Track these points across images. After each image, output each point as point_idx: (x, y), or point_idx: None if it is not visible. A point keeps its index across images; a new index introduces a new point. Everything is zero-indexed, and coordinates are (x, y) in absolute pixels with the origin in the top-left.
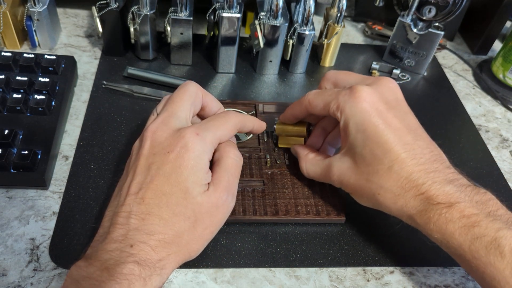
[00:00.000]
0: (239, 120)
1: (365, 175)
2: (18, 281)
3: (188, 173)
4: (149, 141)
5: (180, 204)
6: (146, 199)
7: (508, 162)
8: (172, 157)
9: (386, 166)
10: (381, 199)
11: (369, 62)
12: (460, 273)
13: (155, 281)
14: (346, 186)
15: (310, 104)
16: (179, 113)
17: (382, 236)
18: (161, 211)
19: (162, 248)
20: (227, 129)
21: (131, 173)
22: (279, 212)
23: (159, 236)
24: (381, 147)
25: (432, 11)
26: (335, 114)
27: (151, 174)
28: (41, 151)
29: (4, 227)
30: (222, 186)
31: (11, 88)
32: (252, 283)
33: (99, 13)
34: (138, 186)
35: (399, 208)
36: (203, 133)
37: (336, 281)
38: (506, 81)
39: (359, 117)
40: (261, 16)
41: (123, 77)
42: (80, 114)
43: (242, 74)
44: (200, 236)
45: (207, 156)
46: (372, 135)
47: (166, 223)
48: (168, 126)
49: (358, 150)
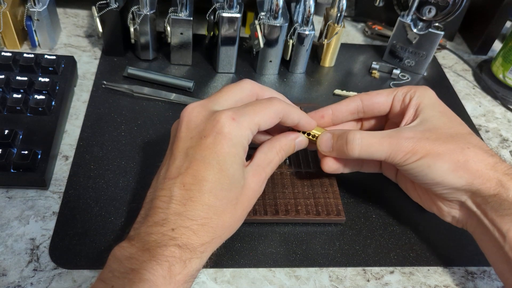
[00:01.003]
0: (283, 108)
1: (447, 134)
2: (18, 281)
3: (230, 161)
4: (185, 123)
5: (224, 189)
6: (186, 184)
7: (508, 162)
8: (210, 142)
9: (467, 131)
10: (471, 153)
11: (369, 62)
12: (460, 273)
13: (195, 264)
14: (422, 146)
15: (369, 94)
16: (221, 100)
17: (382, 236)
18: (203, 197)
19: (206, 233)
20: (267, 115)
21: (169, 156)
22: (279, 212)
23: (202, 221)
24: (457, 119)
25: (432, 11)
26: (405, 95)
27: (189, 159)
28: (41, 151)
29: (4, 227)
30: (261, 176)
31: (11, 88)
32: (252, 283)
33: (99, 13)
34: (177, 171)
35: (489, 166)
36: (240, 118)
37: (336, 281)
38: (506, 81)
39: (433, 96)
40: (261, 16)
41: (123, 77)
42: (80, 114)
43: (242, 74)
44: (240, 217)
45: (246, 142)
46: (448, 110)
47: (210, 208)
48: (205, 108)
49: (435, 118)
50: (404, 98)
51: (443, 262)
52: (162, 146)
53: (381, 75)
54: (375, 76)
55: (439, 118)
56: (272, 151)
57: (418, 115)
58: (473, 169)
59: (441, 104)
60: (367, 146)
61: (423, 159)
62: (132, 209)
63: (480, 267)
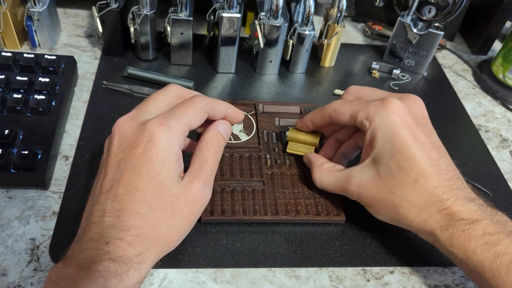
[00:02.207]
0: (207, 102)
1: (388, 187)
2: (18, 281)
3: (159, 166)
4: (116, 137)
5: (155, 197)
6: (118, 196)
7: (508, 162)
8: (140, 151)
9: (411, 179)
10: (403, 211)
11: (369, 62)
12: (460, 273)
13: (133, 277)
14: (365, 198)
15: (336, 112)
16: (149, 108)
17: (382, 236)
18: (135, 206)
19: (140, 243)
20: (194, 113)
21: (102, 171)
22: (279, 212)
23: (135, 231)
24: (408, 160)
25: (432, 11)
26: (363, 123)
27: (121, 170)
28: (41, 151)
29: (4, 227)
30: (200, 178)
31: (11, 88)
32: (252, 283)
33: (99, 13)
34: (110, 184)
35: (421, 222)
36: (168, 122)
37: (336, 281)
38: (506, 81)
39: (388, 128)
40: (261, 16)
41: (123, 77)
42: (80, 114)
43: (242, 74)
44: (179, 227)
45: (177, 145)
46: (400, 147)
47: (143, 217)
48: (135, 120)
49: (384, 161)
50: (362, 125)
51: (443, 262)
52: None
53: (381, 75)
54: (375, 76)
55: (387, 162)
56: (203, 150)
57: (371, 152)
58: (407, 224)
59: (394, 140)
60: (326, 185)
61: (368, 207)
62: None
63: None
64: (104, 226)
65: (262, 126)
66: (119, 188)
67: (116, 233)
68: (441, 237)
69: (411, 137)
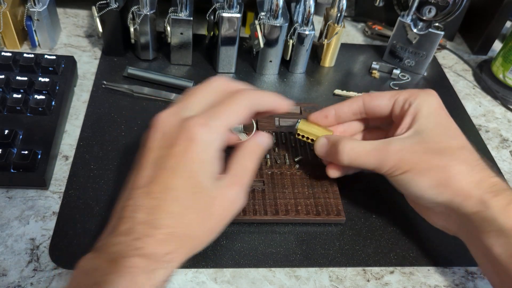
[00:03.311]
0: (252, 98)
1: (436, 149)
2: (18, 281)
3: (198, 167)
4: (155, 133)
5: (191, 198)
6: (153, 193)
7: (508, 162)
8: (178, 150)
9: (459, 145)
10: (453, 171)
11: (369, 62)
12: (460, 273)
13: (160, 275)
14: (407, 162)
15: (371, 96)
16: (191, 104)
17: (382, 236)
18: (169, 205)
19: (170, 242)
20: (237, 112)
21: (139, 166)
22: (279, 212)
23: (167, 230)
24: (453, 130)
25: (432, 11)
26: (406, 100)
27: (157, 167)
28: (41, 151)
29: (4, 227)
30: (239, 185)
31: (11, 88)
32: (252, 283)
33: (99, 13)
34: (145, 180)
35: (472, 184)
36: (211, 122)
37: (336, 281)
38: (506, 81)
39: (433, 104)
40: (261, 16)
41: (123, 77)
42: (80, 114)
43: (242, 74)
44: (210, 229)
45: (217, 146)
46: (445, 119)
47: (176, 217)
48: (176, 117)
49: (428, 130)
50: (404, 104)
51: (443, 262)
52: None
53: (381, 75)
54: (375, 76)
55: (432, 130)
56: (245, 157)
57: (413, 125)
58: (455, 186)
59: (440, 114)
60: (355, 157)
61: (406, 173)
62: None
63: None
64: (135, 222)
65: (262, 126)
66: (154, 185)
67: (147, 230)
68: (493, 203)
69: (450, 117)
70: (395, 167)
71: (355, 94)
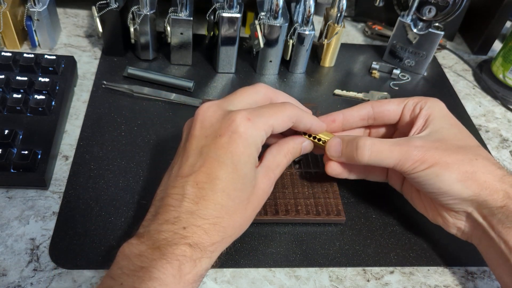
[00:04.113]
0: (296, 113)
1: (456, 146)
2: (18, 281)
3: (244, 160)
4: (199, 122)
5: (236, 189)
6: (199, 183)
7: (508, 162)
8: (225, 141)
9: (476, 143)
10: (479, 164)
11: (369, 62)
12: (460, 273)
13: (205, 263)
14: (432, 155)
15: (380, 102)
16: (236, 101)
17: (382, 236)
18: (216, 195)
19: (216, 232)
20: (281, 119)
21: (181, 154)
22: (279, 212)
23: (214, 220)
24: (466, 131)
25: (432, 11)
26: (417, 103)
27: (203, 157)
28: (41, 151)
29: (4, 227)
30: (271, 177)
31: (11, 88)
32: (252, 283)
33: (99, 13)
34: (191, 169)
35: (497, 177)
36: (255, 119)
37: (336, 281)
38: (506, 81)
39: (443, 108)
40: (261, 16)
41: (123, 77)
42: (80, 114)
43: (242, 74)
44: (249, 218)
45: (260, 143)
46: (457, 122)
47: (222, 208)
48: (220, 108)
49: (445, 130)
50: (414, 108)
51: (443, 262)
52: (162, 146)
53: (381, 75)
54: (375, 76)
55: (448, 129)
56: (281, 154)
57: (427, 126)
58: (481, 180)
59: (451, 117)
60: (377, 152)
61: (432, 168)
62: (135, 207)
63: (480, 267)
64: (182, 211)
65: None
66: (200, 174)
67: (195, 220)
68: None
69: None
70: (419, 161)
71: (355, 94)
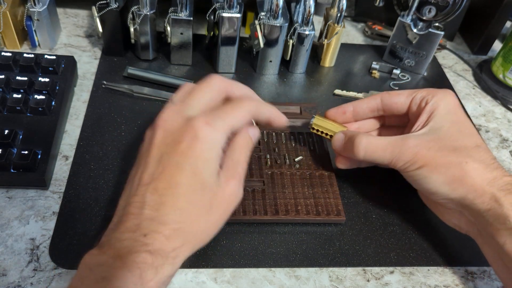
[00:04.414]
0: (253, 106)
1: (451, 146)
2: (18, 281)
3: (203, 164)
4: (160, 130)
5: (196, 194)
6: (159, 189)
7: (508, 162)
8: (184, 147)
9: (474, 144)
10: (468, 167)
11: (369, 62)
12: (460, 273)
13: (167, 270)
14: (423, 156)
15: (390, 94)
16: (193, 103)
17: (382, 236)
18: (176, 201)
19: (177, 237)
20: (239, 116)
21: (142, 163)
22: (279, 212)
23: (174, 225)
24: (469, 129)
25: (432, 11)
26: (424, 97)
27: (163, 164)
28: (41, 151)
29: (4, 227)
30: (235, 178)
31: (11, 88)
32: (252, 283)
33: (99, 13)
34: (150, 176)
35: (485, 181)
36: (214, 122)
37: (336, 281)
38: (506, 81)
39: (451, 102)
40: (261, 16)
41: (123, 77)
42: (80, 114)
43: (242, 74)
44: (214, 224)
45: (220, 146)
46: (462, 118)
47: (182, 213)
48: (180, 115)
49: (445, 128)
50: (421, 102)
51: (443, 262)
52: None
53: (381, 75)
54: (375, 76)
55: (448, 128)
56: (235, 152)
57: (428, 122)
58: (469, 183)
59: (456, 113)
60: (371, 151)
61: (421, 169)
62: None
63: (480, 267)
64: (142, 218)
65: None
66: (160, 181)
67: (155, 226)
68: (506, 201)
69: (466, 117)
70: (410, 162)
71: (355, 94)
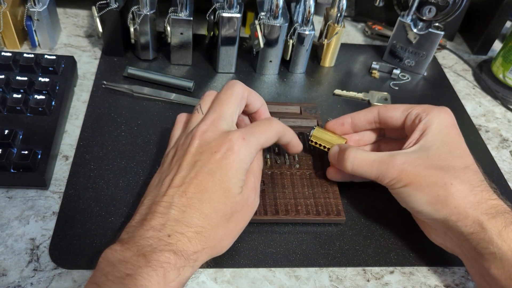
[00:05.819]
0: (282, 129)
1: (438, 166)
2: (18, 281)
3: (232, 174)
4: (198, 141)
5: (221, 201)
6: (188, 193)
7: (508, 162)
8: (218, 157)
9: (462, 165)
10: (453, 189)
11: (369, 62)
12: (460, 273)
13: (187, 272)
14: (408, 174)
15: (386, 107)
16: (227, 115)
17: (382, 236)
18: (202, 206)
19: (199, 241)
20: (269, 136)
21: (175, 167)
22: (279, 212)
23: (197, 229)
24: (460, 149)
25: (432, 11)
26: (418, 114)
27: (196, 170)
28: (41, 151)
29: (4, 227)
30: (250, 187)
31: (11, 88)
32: (252, 283)
33: (99, 13)
34: (181, 180)
35: (469, 205)
36: (249, 138)
37: (336, 281)
38: (506, 81)
39: (444, 121)
40: (261, 16)
41: (123, 77)
42: (80, 114)
43: (242, 74)
44: (232, 232)
45: (250, 160)
46: (454, 138)
47: (206, 218)
48: (217, 128)
49: (435, 147)
50: (415, 118)
51: (443, 262)
52: (162, 146)
53: (381, 75)
54: (375, 76)
55: (438, 147)
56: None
57: (419, 140)
58: (452, 205)
59: (449, 133)
60: (357, 165)
61: (406, 187)
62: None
63: None
64: (168, 218)
65: None
66: (191, 186)
67: (180, 228)
68: (489, 225)
69: (461, 136)
70: (396, 179)
71: (355, 94)
